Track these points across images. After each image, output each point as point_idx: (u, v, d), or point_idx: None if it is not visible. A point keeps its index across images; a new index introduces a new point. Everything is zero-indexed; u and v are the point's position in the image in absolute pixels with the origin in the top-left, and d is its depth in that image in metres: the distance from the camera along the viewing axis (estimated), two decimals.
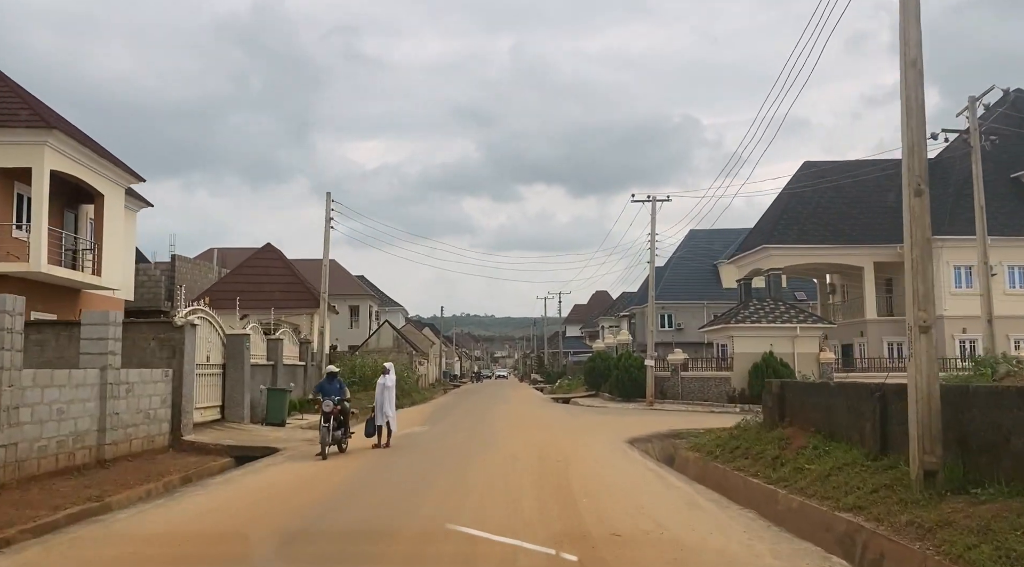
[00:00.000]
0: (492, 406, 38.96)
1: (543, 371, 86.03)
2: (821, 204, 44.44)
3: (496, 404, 41.26)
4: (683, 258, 70.17)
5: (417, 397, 50.72)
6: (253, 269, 31.45)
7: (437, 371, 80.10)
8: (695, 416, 31.50)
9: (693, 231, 70.25)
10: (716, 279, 68.69)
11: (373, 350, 60.09)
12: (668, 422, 27.14)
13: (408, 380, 50.13)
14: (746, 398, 36.09)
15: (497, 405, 39.80)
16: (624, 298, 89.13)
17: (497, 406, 38.62)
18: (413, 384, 53.48)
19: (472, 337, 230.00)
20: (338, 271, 77.35)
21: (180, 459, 16.95)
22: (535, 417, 29.13)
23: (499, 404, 41.03)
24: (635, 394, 39.81)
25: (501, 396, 52.65)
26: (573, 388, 54.10)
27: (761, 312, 37.83)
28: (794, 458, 13.52)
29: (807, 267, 44.24)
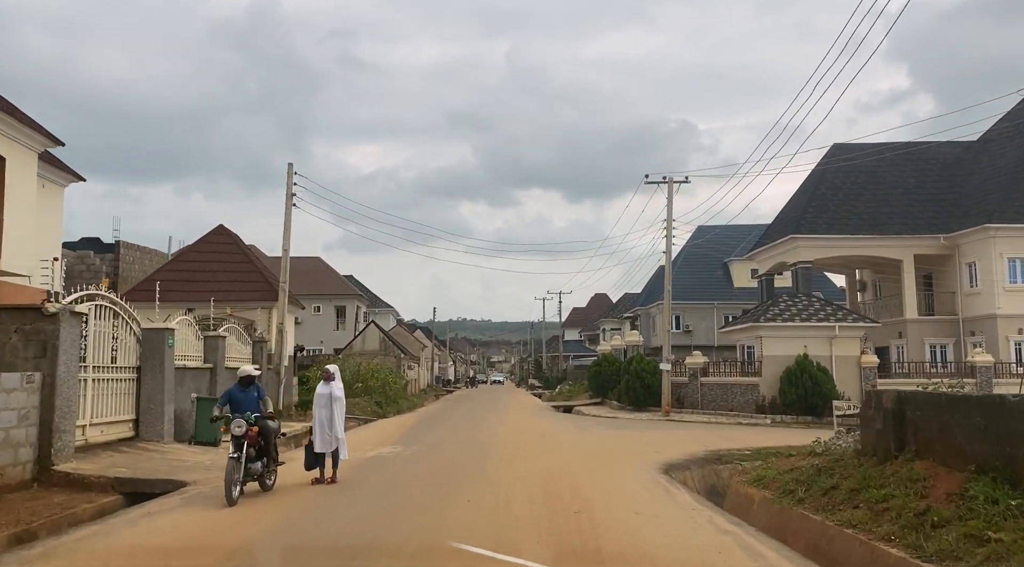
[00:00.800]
0: (485, 416, 33.86)
1: (541, 376, 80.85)
2: (854, 191, 39.46)
3: (490, 414, 36.14)
4: (691, 256, 65.17)
5: (404, 404, 45.76)
6: (202, 255, 26.31)
7: (429, 376, 74.94)
8: (724, 430, 26.48)
9: (701, 227, 65.17)
10: (727, 278, 63.71)
11: (358, 353, 55.10)
12: (698, 438, 22.10)
13: (394, 386, 45.19)
14: (777, 408, 31.06)
15: (491, 415, 34.68)
16: (626, 300, 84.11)
17: (491, 416, 33.50)
18: (399, 390, 48.46)
19: (469, 342, 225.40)
20: (323, 269, 72.33)
21: (40, 499, 11.90)
22: (536, 432, 24.01)
23: (493, 414, 35.91)
24: (648, 402, 34.74)
25: (496, 403, 47.52)
26: (575, 394, 49.00)
27: (793, 310, 32.79)
28: (956, 515, 8.43)
29: (838, 260, 39.27)
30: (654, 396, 34.40)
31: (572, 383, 58.65)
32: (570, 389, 54.04)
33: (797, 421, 30.14)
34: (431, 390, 71.18)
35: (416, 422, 30.68)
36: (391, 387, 43.65)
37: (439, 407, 46.71)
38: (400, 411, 42.42)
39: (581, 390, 49.66)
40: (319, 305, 68.61)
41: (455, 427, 27.03)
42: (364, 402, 38.31)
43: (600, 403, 41.19)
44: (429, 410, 43.19)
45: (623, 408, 36.16)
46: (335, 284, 69.69)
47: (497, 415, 33.95)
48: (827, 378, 30.53)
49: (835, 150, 40.60)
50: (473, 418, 32.54)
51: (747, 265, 63.62)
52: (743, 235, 65.70)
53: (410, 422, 30.74)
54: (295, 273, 70.98)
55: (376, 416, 36.33)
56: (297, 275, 72.38)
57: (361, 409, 36.25)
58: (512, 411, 38.30)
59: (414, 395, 58.92)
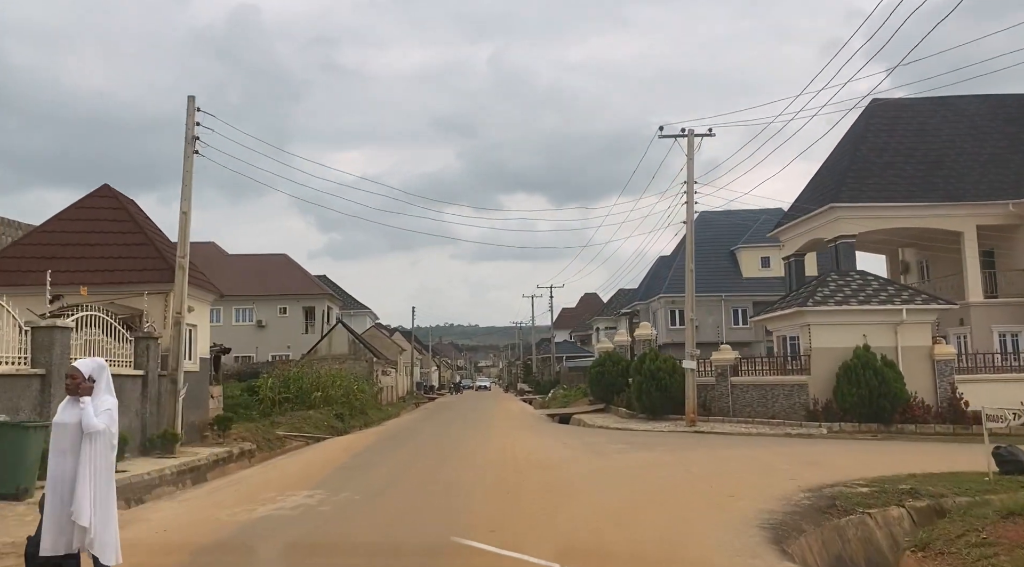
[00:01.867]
0: (465, 431, 26.79)
1: (531, 380, 73.86)
2: (901, 152, 32.78)
3: (473, 427, 29.12)
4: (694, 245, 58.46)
5: (374, 415, 38.80)
6: (77, 224, 19.08)
7: (409, 382, 67.80)
8: (776, 445, 19.69)
9: (705, 214, 58.64)
10: (735, 268, 57.00)
11: (324, 357, 47.97)
12: (761, 460, 15.36)
13: (360, 394, 38.21)
14: (833, 413, 24.29)
15: (473, 430, 27.63)
16: (621, 296, 77.36)
17: (472, 432, 26.39)
18: (369, 399, 41.49)
19: (456, 347, 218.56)
20: (290, 268, 65.12)
21: None
22: (535, 459, 16.85)
23: (477, 427, 28.88)
24: (665, 408, 27.89)
25: (481, 413, 40.51)
26: (572, 399, 42.08)
27: (847, 290, 26.06)
28: None
29: (882, 235, 32.53)
30: (673, 401, 27.56)
31: (567, 387, 51.72)
32: (565, 393, 47.16)
33: (861, 430, 23.37)
34: (411, 398, 64.06)
35: (375, 441, 23.67)
36: (356, 396, 36.64)
37: (414, 418, 39.71)
38: (368, 424, 35.53)
39: (579, 395, 42.76)
40: (285, 306, 61.52)
41: (419, 451, 19.99)
42: (320, 415, 31.34)
43: (603, 410, 34.29)
44: (401, 422, 36.19)
45: (634, 416, 29.28)
46: (303, 283, 62.54)
47: (480, 430, 26.86)
48: (896, 375, 23.78)
49: (875, 108, 33.97)
50: (449, 435, 25.53)
51: (757, 252, 56.99)
52: (750, 221, 59.06)
53: (367, 441, 23.73)
54: (258, 271, 63.86)
55: (333, 432, 29.42)
56: (260, 273, 65.25)
57: (315, 424, 29.28)
58: (499, 423, 31.32)
59: (390, 404, 51.87)
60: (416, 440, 23.83)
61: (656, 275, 60.50)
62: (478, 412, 40.71)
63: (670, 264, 58.75)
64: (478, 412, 40.71)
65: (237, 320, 61.65)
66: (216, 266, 65.98)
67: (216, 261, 65.50)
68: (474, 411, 41.94)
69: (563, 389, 51.27)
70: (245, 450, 20.71)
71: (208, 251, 66.47)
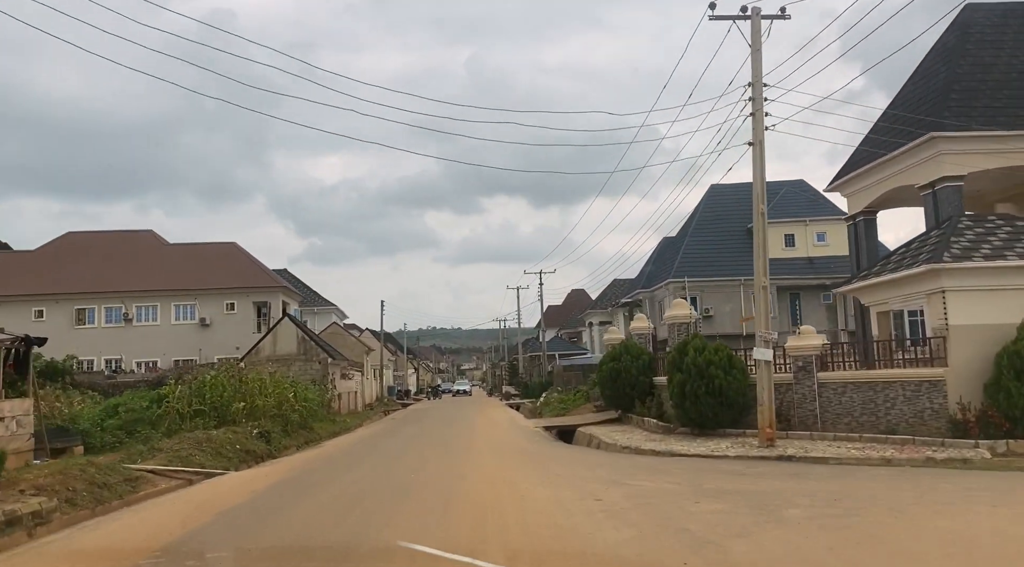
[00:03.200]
0: (431, 459, 17.43)
1: (518, 382, 64.72)
2: (1015, 65, 24.04)
3: (443, 451, 19.85)
4: (704, 223, 49.79)
5: (322, 429, 29.86)
6: None
7: (379, 386, 58.48)
8: (942, 480, 10.71)
9: (715, 187, 50.00)
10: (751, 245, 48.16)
11: (268, 358, 38.78)
12: None
13: (303, 403, 29.22)
14: (992, 424, 15.41)
15: (444, 455, 18.36)
16: (617, 287, 68.51)
17: (442, 462, 16.98)
18: (317, 408, 32.49)
19: (438, 349, 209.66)
20: (239, 258, 55.56)
21: None
22: (550, 534, 7.89)
23: (449, 451, 19.60)
24: (719, 420, 18.89)
25: (459, 425, 31.32)
26: (571, 405, 33.03)
27: (995, 240, 17.25)
28: None
29: (996, 177, 23.66)
30: (731, 409, 18.63)
31: (562, 389, 42.65)
32: (562, 397, 38.13)
33: None
34: (380, 404, 54.85)
35: (283, 480, 14.55)
36: (295, 407, 27.50)
37: (372, 433, 30.56)
38: (310, 442, 26.68)
39: (579, 399, 33.73)
40: (233, 301, 52.07)
41: (339, 508, 10.73)
42: (234, 436, 22.21)
43: (618, 419, 25.27)
44: (352, 440, 27.11)
45: (670, 430, 20.25)
46: (254, 275, 53.10)
47: (452, 459, 17.42)
48: None
49: (970, 14, 25.22)
50: (403, 467, 16.34)
51: (779, 230, 48.20)
52: (770, 194, 50.27)
53: (270, 480, 14.58)
54: (202, 262, 54.27)
55: (249, 459, 20.60)
56: (204, 265, 55.46)
57: (218, 449, 20.16)
58: (481, 443, 22.04)
59: (352, 413, 42.68)
60: (348, 478, 14.63)
61: (661, 259, 51.71)
62: (455, 424, 31.52)
63: (677, 245, 49.94)
64: (455, 424, 31.52)
65: (177, 318, 52.21)
66: (152, 257, 56.69)
67: (152, 251, 56.08)
68: (450, 423, 32.75)
69: (558, 392, 42.22)
70: (32, 512, 11.54)
71: (144, 240, 57.14)
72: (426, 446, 20.98)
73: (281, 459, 21.81)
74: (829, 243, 47.04)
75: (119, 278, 52.22)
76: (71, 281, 51.32)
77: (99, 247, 54.57)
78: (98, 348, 50.47)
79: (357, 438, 27.78)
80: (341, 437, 29.00)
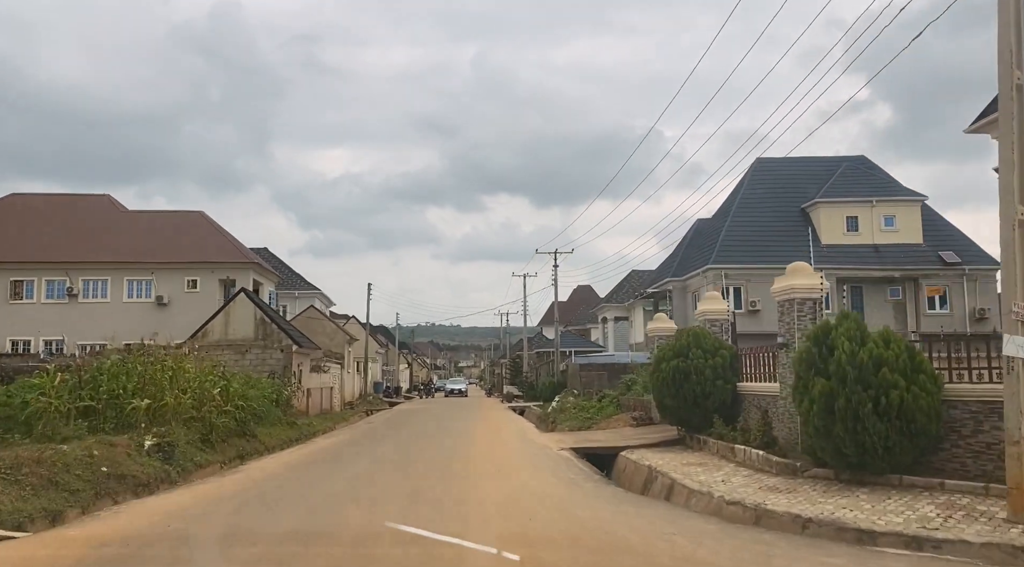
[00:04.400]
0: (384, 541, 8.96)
1: (522, 382, 56.60)
2: None
3: (421, 502, 11.49)
4: (749, 202, 41.68)
5: (269, 437, 22.24)
6: None
7: (363, 382, 50.28)
8: None
9: (761, 160, 41.85)
10: (808, 231, 40.14)
11: (218, 342, 30.85)
12: None
13: (251, 403, 21.35)
14: None
15: (422, 507, 10.09)
16: (635, 279, 60.39)
17: (414, 546, 8.55)
18: (269, 405, 24.70)
19: (436, 346, 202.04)
20: (205, 228, 47.33)
21: None
22: None
23: (433, 503, 11.26)
24: (900, 458, 10.72)
25: (452, 438, 23.02)
26: (598, 415, 24.92)
27: None
28: None
29: None
30: (919, 441, 10.52)
31: (579, 392, 34.51)
32: (580, 403, 30.06)
33: None
34: (364, 402, 46.75)
35: None
36: (220, 408, 19.50)
37: (336, 444, 22.33)
38: (244, 456, 18.75)
39: (608, 407, 25.63)
40: (195, 278, 43.91)
41: None
42: (117, 450, 14.38)
43: (677, 441, 17.15)
44: (301, 457, 19.01)
45: (794, 469, 12.11)
46: (221, 249, 44.94)
47: (431, 547, 8.94)
48: None
49: None
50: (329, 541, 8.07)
51: (840, 211, 40.05)
52: (829, 169, 42.24)
53: None
54: (163, 232, 45.87)
55: (124, 489, 12.55)
56: (165, 236, 47.19)
57: (80, 475, 12.26)
58: (484, 480, 13.61)
59: (321, 413, 34.59)
60: None
61: (695, 243, 43.59)
62: (446, 437, 23.24)
63: (716, 227, 41.83)
64: (446, 437, 23.24)
65: (130, 296, 43.97)
66: (106, 225, 48.62)
67: (106, 218, 47.94)
68: (439, 435, 24.49)
69: (573, 395, 34.08)
70: None
71: (97, 205, 49.00)
72: (395, 486, 12.83)
73: (173, 493, 13.84)
74: (899, 228, 38.99)
75: (64, 247, 44.05)
76: (7, 248, 43.18)
77: (44, 211, 46.43)
78: (36, 327, 42.28)
79: (307, 455, 19.66)
80: (289, 451, 20.92)
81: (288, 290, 56.07)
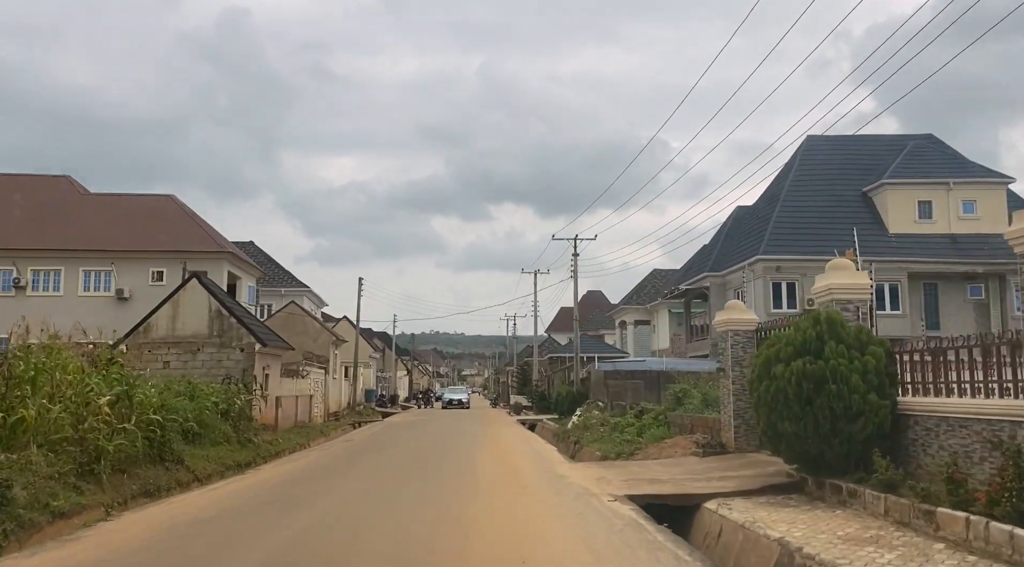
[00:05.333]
0: None
1: (531, 391, 50.29)
2: None
3: None
4: (800, 184, 35.48)
5: (213, 459, 16.25)
6: None
7: (351, 390, 44.01)
8: None
9: (813, 138, 35.77)
10: (873, 218, 33.94)
11: (163, 339, 24.83)
12: None
13: (172, 416, 14.96)
14: None
15: None
16: (657, 278, 54.22)
17: None
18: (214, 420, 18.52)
19: (439, 353, 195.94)
20: (174, 214, 41.34)
21: None
22: None
23: None
24: None
25: (445, 471, 16.67)
26: (643, 436, 18.67)
27: None
28: None
29: None
30: None
31: (605, 404, 28.24)
32: (613, 419, 23.86)
33: None
34: (352, 413, 40.51)
35: None
36: (111, 427, 13.28)
37: (280, 478, 15.97)
38: (156, 490, 12.59)
39: (654, 426, 19.41)
40: (162, 269, 37.94)
41: None
42: None
43: (794, 486, 10.98)
44: (222, 499, 12.73)
45: None
46: (192, 236, 38.90)
47: None
48: None
49: None
50: None
51: (911, 194, 33.72)
52: (892, 149, 36.01)
53: None
54: (128, 218, 39.05)
55: None
56: (130, 222, 41.09)
57: None
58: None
59: (296, 426, 28.44)
60: None
61: (736, 234, 37.38)
62: (435, 467, 16.88)
63: (762, 215, 35.63)
64: (435, 467, 16.88)
65: (86, 289, 37.96)
66: (63, 209, 42.67)
67: (66, 202, 42.00)
68: (428, 460, 18.23)
69: (599, 408, 27.81)
70: None
71: (55, 188, 42.99)
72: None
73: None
74: (980, 215, 32.77)
75: (12, 232, 38.05)
76: None
77: None
78: None
79: (247, 489, 13.49)
80: (226, 482, 14.79)
81: (274, 287, 49.99)
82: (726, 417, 15.97)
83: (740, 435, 15.56)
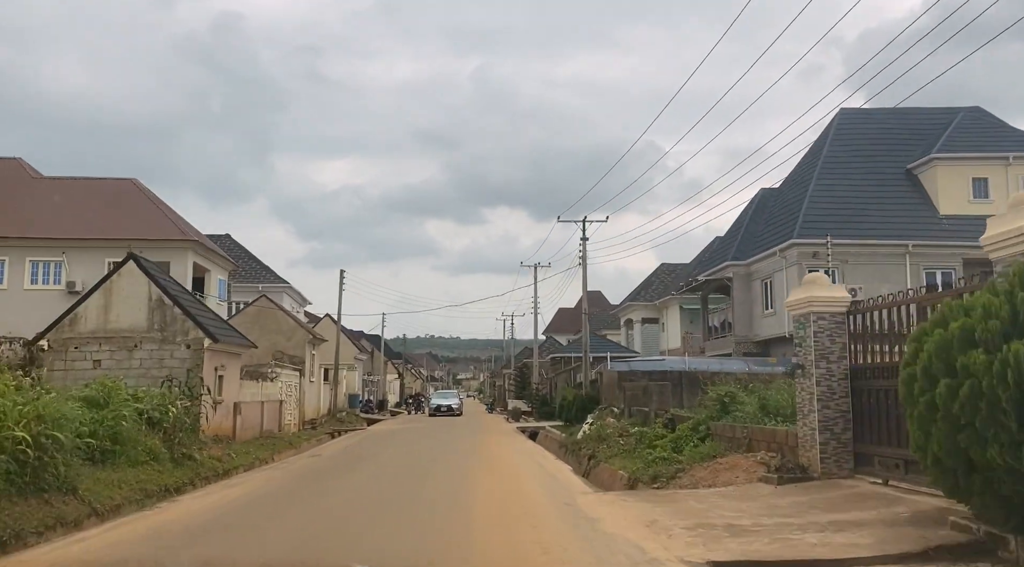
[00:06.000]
0: None
1: (531, 395, 46.00)
2: None
3: None
4: (837, 161, 31.32)
5: (113, 486, 11.77)
6: None
7: (332, 394, 39.58)
8: None
9: (847, 111, 31.65)
10: (920, 198, 29.76)
11: (93, 334, 20.44)
12: None
13: (67, 427, 10.17)
14: None
15: None
16: (665, 272, 50.07)
17: None
18: (131, 431, 14.01)
19: (434, 358, 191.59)
20: (135, 200, 36.83)
21: None
22: None
23: None
24: None
25: (428, 509, 12.28)
26: (683, 453, 14.34)
27: None
28: None
29: None
30: None
31: (621, 410, 23.94)
32: (627, 425, 19.63)
33: None
34: (332, 420, 36.14)
35: None
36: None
37: (212, 511, 11.64)
38: (25, 532, 7.72)
39: (692, 440, 15.10)
40: (119, 260, 33.03)
41: None
42: None
43: (979, 548, 6.66)
44: (110, 545, 8.33)
45: None
46: (153, 223, 34.43)
47: None
48: None
49: None
50: None
51: (965, 171, 29.46)
52: (939, 122, 31.85)
53: None
54: (84, 204, 33.64)
55: None
56: (86, 208, 36.65)
57: None
58: None
59: (259, 437, 24.05)
60: None
61: (760, 218, 33.14)
62: (409, 511, 12.45)
63: (793, 196, 31.40)
64: (409, 511, 12.45)
65: (33, 281, 33.52)
66: (11, 194, 38.38)
67: (15, 186, 37.58)
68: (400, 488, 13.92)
69: (613, 414, 23.54)
70: None
71: (5, 170, 38.68)
72: None
73: None
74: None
75: None
76: None
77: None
78: None
79: (156, 528, 9.19)
80: (134, 518, 10.49)
81: (251, 283, 45.62)
82: (806, 430, 11.71)
83: (828, 455, 11.33)
